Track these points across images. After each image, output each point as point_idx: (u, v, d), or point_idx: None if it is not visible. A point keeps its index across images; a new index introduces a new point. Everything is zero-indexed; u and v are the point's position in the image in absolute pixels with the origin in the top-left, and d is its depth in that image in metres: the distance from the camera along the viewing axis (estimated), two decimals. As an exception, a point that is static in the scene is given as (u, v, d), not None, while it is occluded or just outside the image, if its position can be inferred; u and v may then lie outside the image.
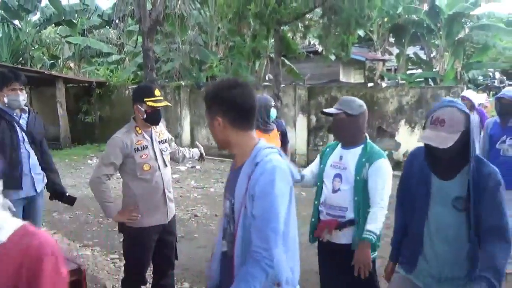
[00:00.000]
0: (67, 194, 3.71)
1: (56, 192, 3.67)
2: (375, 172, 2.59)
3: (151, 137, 3.13)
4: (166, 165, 3.19)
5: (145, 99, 3.02)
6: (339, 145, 2.79)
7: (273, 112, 4.13)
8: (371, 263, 2.56)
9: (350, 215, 2.63)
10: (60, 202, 3.78)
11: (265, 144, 1.81)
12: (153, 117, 3.08)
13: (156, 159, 3.10)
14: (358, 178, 2.61)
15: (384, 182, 2.59)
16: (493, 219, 1.91)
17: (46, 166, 3.60)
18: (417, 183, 2.13)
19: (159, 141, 3.18)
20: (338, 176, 2.69)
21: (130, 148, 3.01)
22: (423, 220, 2.11)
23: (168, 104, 3.22)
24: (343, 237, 2.66)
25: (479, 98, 6.61)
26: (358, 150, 2.67)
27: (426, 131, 1.96)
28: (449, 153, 1.92)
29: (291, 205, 1.79)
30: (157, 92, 3.09)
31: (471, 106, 5.98)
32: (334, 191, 2.69)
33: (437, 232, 2.07)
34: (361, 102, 2.72)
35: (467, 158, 1.96)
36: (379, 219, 2.56)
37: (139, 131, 3.10)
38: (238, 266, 1.76)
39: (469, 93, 6.38)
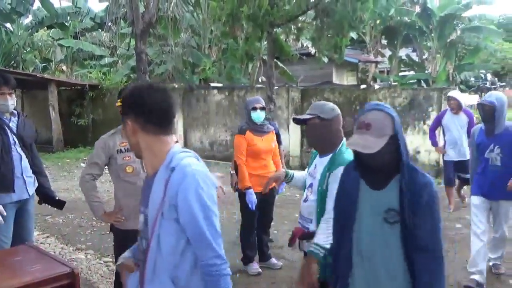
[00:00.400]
0: (57, 198, 3.69)
1: (46, 196, 3.65)
2: (332, 181, 2.38)
3: None
4: None
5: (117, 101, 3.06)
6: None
7: (257, 114, 4.12)
8: (315, 283, 2.26)
9: (313, 226, 2.52)
10: (50, 206, 3.76)
11: (180, 149, 1.74)
12: None
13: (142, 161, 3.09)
14: (320, 189, 2.49)
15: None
16: (429, 239, 1.76)
17: (37, 170, 3.58)
18: (348, 195, 1.94)
19: None
20: (310, 186, 2.62)
21: (113, 150, 3.04)
22: (350, 235, 1.88)
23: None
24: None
25: (471, 99, 6.63)
26: (327, 159, 2.53)
27: (353, 136, 1.81)
28: (379, 158, 1.76)
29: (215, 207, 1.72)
30: None
31: (458, 106, 5.96)
32: (305, 200, 2.63)
33: (367, 250, 1.85)
34: (332, 105, 2.58)
35: (399, 165, 1.80)
36: (329, 229, 2.20)
37: None
38: (149, 281, 1.69)
39: (456, 93, 6.34)
